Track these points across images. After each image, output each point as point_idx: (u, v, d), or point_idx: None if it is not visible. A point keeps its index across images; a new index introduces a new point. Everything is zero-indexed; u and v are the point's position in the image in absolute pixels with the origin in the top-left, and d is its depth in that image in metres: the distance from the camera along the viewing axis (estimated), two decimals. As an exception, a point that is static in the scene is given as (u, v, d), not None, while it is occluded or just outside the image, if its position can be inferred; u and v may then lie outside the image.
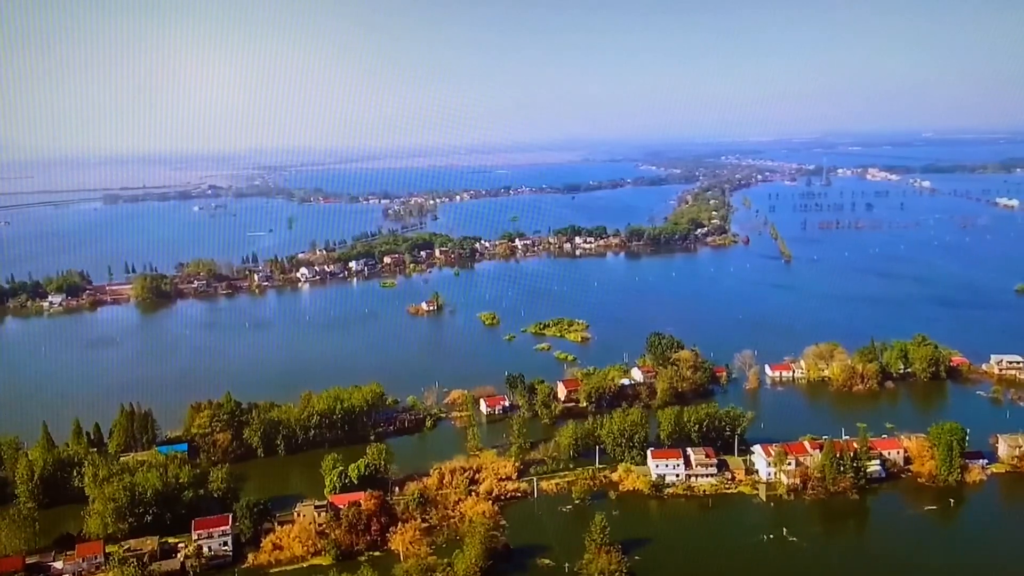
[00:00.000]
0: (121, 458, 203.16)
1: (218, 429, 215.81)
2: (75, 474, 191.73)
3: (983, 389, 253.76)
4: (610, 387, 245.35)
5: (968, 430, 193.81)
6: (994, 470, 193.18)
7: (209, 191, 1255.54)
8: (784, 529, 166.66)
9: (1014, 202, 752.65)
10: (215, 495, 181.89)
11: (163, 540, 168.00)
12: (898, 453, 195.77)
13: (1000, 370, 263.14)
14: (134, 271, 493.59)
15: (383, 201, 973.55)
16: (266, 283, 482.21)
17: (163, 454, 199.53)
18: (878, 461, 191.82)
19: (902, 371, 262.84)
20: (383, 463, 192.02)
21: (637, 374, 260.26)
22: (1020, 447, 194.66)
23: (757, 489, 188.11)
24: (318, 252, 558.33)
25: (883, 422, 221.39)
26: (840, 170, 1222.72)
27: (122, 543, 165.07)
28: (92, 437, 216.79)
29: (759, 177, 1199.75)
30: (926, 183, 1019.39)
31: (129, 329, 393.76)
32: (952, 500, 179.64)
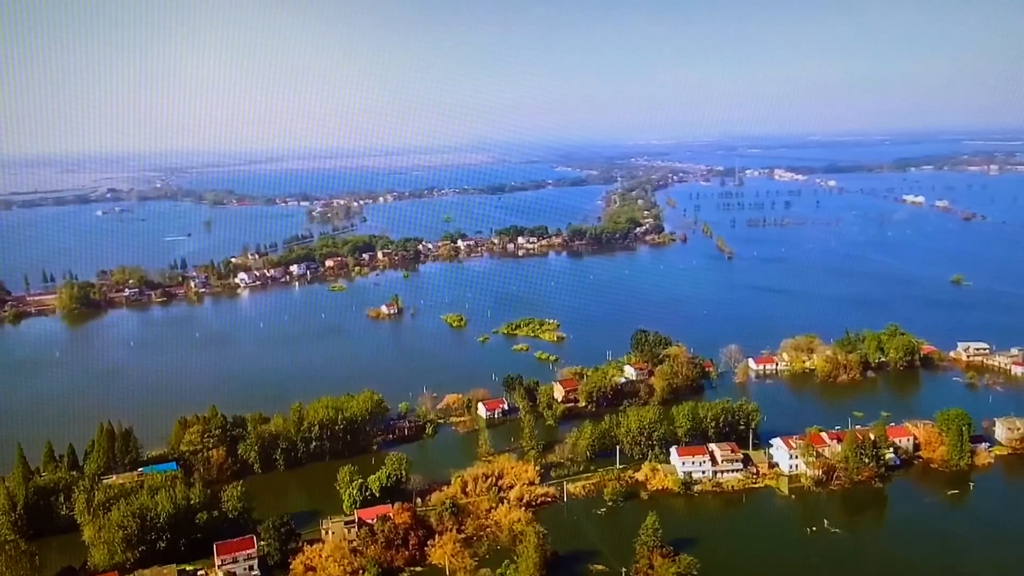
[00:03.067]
0: (104, 480, 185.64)
1: (210, 445, 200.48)
2: (60, 501, 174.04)
3: (956, 376, 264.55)
4: (609, 386, 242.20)
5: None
6: (997, 452, 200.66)
7: (108, 195, 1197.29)
8: (825, 521, 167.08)
9: (920, 199, 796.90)
10: (229, 516, 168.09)
11: (180, 568, 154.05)
12: (908, 440, 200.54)
13: (968, 357, 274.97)
14: (53, 280, 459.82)
15: (303, 203, 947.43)
16: (203, 290, 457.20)
17: (160, 474, 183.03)
18: (892, 449, 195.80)
19: (879, 360, 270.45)
20: (404, 473, 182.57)
21: (630, 371, 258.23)
22: (1019, 429, 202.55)
23: (779, 482, 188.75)
24: (251, 256, 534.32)
25: (876, 410, 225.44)
26: (749, 171, 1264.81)
27: (135, 574, 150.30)
28: (67, 460, 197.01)
29: (675, 178, 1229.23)
30: (832, 182, 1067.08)
31: (66, 342, 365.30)
32: (971, 483, 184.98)
